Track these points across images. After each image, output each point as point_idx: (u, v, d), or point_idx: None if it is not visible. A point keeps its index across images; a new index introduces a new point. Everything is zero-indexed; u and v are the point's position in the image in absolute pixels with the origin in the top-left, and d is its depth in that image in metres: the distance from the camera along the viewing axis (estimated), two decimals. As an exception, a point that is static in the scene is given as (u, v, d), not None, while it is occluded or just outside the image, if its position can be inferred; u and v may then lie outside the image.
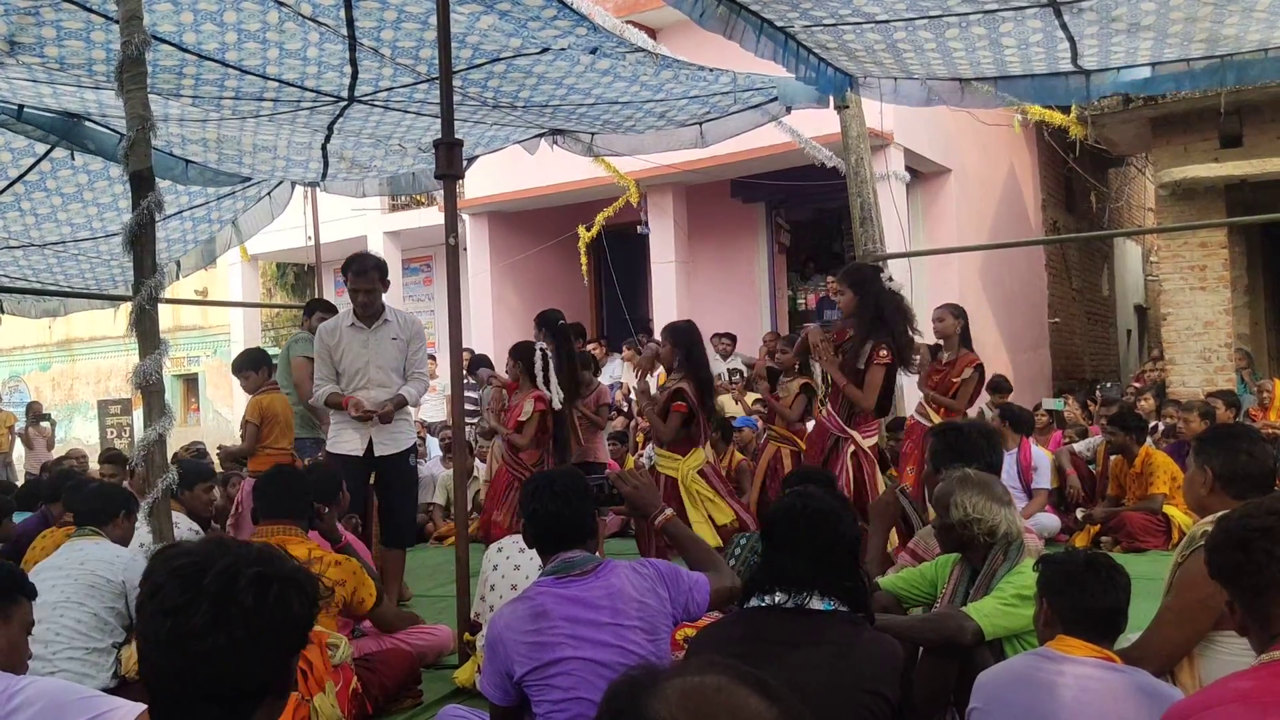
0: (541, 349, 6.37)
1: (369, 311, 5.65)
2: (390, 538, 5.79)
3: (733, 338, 11.89)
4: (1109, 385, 13.33)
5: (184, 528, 5.33)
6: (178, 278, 8.63)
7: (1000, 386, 8.53)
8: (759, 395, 8.48)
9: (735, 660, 1.12)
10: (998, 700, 2.46)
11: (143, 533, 5.09)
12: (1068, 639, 2.47)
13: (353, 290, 5.65)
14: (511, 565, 4.36)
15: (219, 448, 8.52)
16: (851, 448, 5.58)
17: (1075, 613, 2.51)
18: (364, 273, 5.61)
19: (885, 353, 5.49)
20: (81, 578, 4.01)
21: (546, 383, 6.25)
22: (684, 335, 5.97)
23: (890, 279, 5.82)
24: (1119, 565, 2.60)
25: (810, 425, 6.56)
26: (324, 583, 3.85)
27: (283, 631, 1.46)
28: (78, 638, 3.92)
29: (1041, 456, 7.85)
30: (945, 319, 6.59)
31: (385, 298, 5.87)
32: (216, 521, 8.01)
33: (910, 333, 5.71)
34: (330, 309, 6.89)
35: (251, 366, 6.90)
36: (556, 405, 6.28)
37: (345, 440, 5.68)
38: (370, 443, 5.63)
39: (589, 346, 12.58)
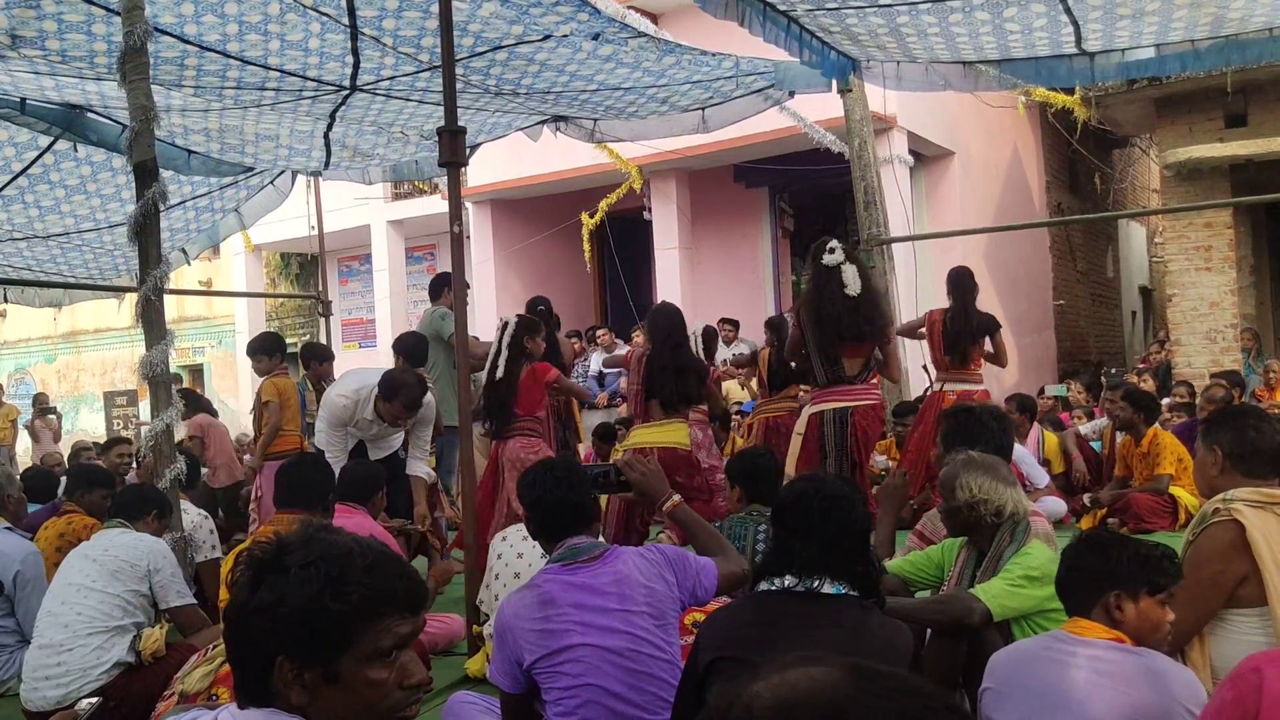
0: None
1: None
2: None
3: (736, 324, 11.88)
4: (1113, 371, 13.32)
5: (193, 513, 5.39)
6: (188, 263, 8.72)
7: None
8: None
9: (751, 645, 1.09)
10: (1010, 681, 2.46)
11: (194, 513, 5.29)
12: (1081, 621, 2.47)
13: (393, 416, 5.80)
14: (515, 554, 4.34)
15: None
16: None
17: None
18: (414, 406, 5.76)
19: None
20: (106, 563, 4.10)
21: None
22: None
23: (831, 250, 5.67)
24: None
25: None
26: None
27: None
28: (98, 619, 4.00)
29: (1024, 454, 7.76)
30: None
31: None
32: (231, 510, 8.16)
33: (814, 311, 5.69)
34: (445, 283, 7.04)
35: (266, 351, 7.31)
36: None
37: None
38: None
39: (600, 333, 12.64)
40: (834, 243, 5.78)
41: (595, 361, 12.43)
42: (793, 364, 6.27)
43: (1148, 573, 2.43)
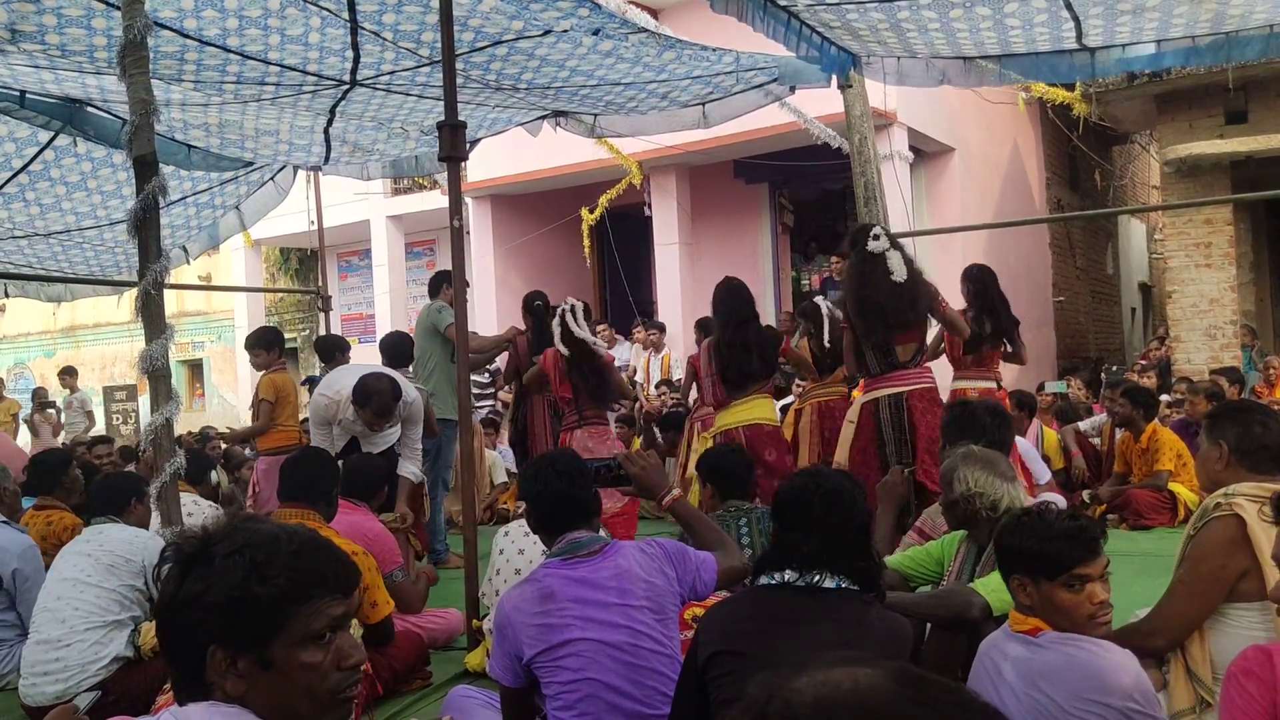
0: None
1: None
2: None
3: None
4: (1114, 368, 13.31)
5: (204, 506, 5.38)
6: (188, 262, 8.71)
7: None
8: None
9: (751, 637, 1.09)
10: (971, 680, 2.49)
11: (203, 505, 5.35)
12: (1013, 610, 2.46)
13: (367, 421, 5.77)
14: (516, 549, 4.35)
15: (220, 433, 8.75)
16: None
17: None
18: (386, 413, 5.72)
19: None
20: (102, 558, 4.12)
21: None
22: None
23: (876, 237, 5.50)
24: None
25: None
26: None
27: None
28: (95, 613, 4.02)
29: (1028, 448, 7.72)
30: None
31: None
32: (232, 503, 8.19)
33: (858, 300, 5.51)
34: (445, 280, 7.08)
35: (264, 345, 7.26)
36: None
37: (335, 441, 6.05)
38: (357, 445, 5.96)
39: (599, 329, 12.62)
40: (878, 228, 5.60)
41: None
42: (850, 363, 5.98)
43: (1044, 553, 2.33)
